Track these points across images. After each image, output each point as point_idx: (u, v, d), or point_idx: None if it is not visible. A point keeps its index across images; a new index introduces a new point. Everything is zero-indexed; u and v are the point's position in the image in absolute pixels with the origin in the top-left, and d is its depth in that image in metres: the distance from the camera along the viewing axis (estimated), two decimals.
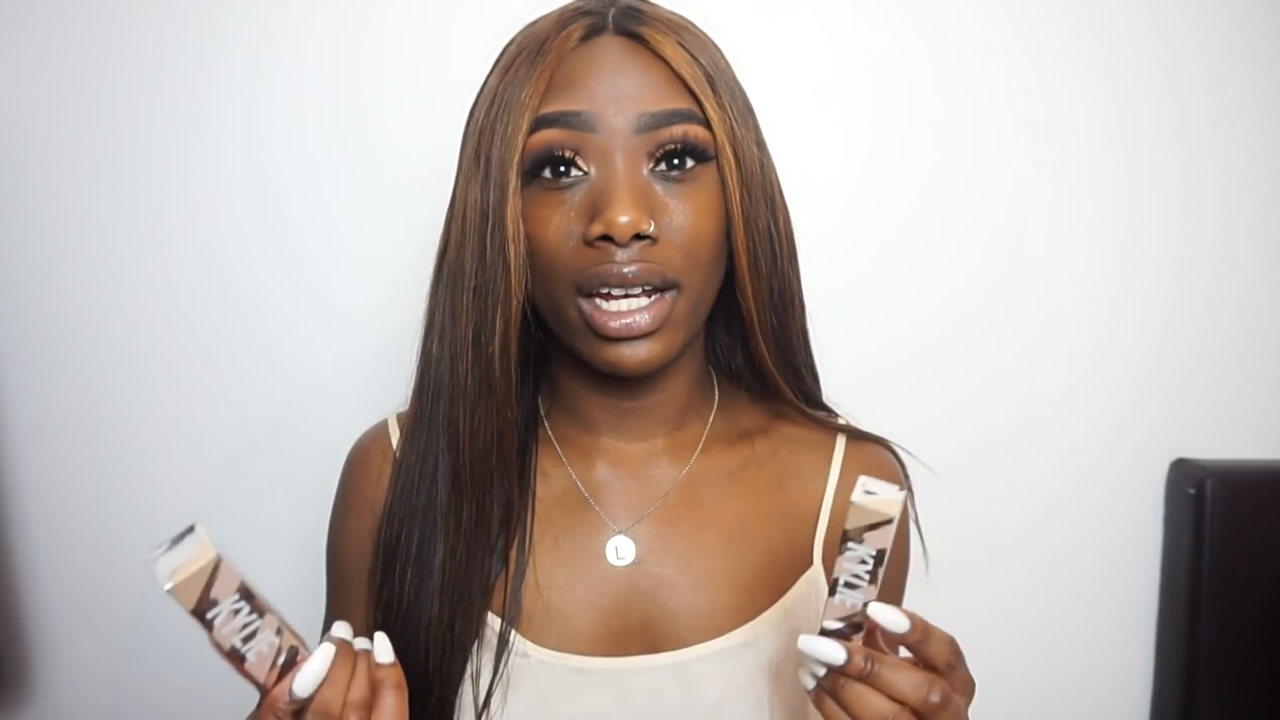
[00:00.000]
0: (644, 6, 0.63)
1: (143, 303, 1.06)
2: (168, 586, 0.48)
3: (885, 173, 1.08)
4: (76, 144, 1.03)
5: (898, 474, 0.73)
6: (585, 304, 0.59)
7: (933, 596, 0.92)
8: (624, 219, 0.56)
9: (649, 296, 0.59)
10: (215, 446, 1.09)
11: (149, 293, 1.06)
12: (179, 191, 1.04)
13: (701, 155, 0.60)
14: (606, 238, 0.57)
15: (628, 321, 0.58)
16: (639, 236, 0.57)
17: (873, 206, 1.09)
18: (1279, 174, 1.11)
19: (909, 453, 0.73)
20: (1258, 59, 1.08)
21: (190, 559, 0.48)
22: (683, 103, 0.59)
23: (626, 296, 0.59)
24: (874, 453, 0.72)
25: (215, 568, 0.49)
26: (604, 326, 0.58)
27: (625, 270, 0.57)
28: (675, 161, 0.59)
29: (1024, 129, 1.08)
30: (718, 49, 0.64)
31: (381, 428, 0.72)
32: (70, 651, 1.13)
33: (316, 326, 1.07)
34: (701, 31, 0.64)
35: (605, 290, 0.58)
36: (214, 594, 0.49)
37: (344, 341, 1.07)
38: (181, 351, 1.07)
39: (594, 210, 0.58)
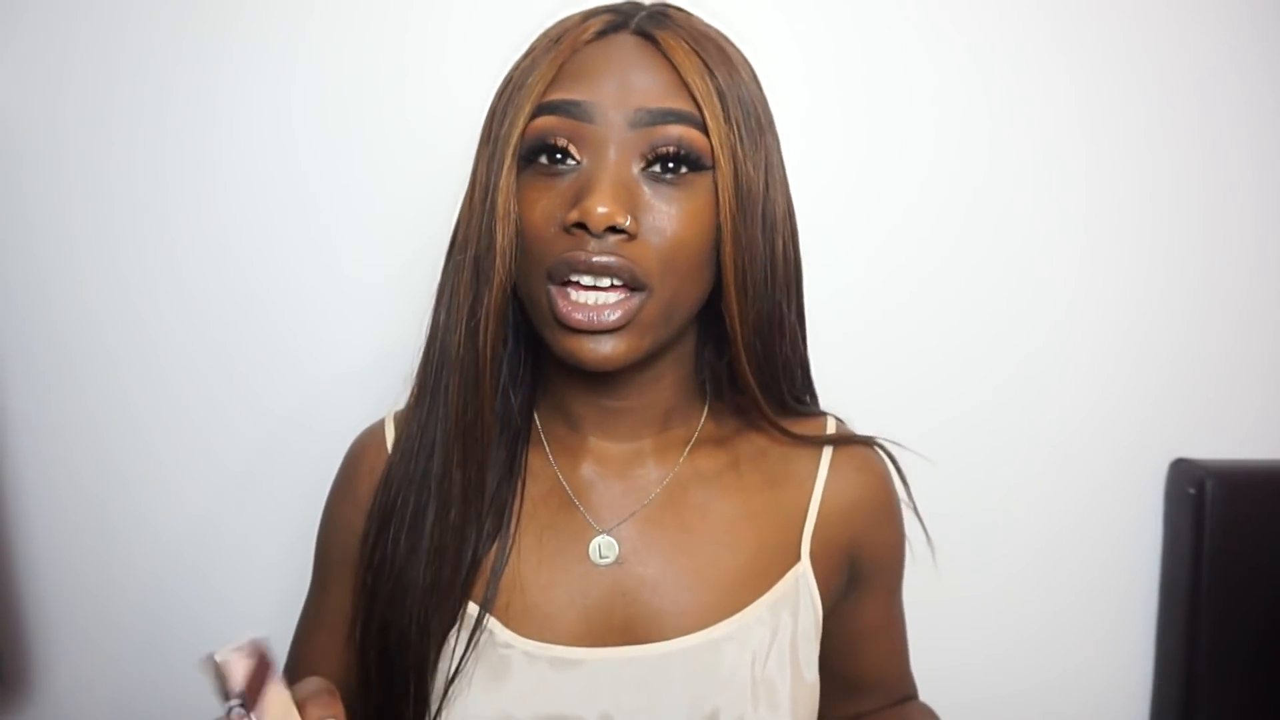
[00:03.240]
0: (673, 13, 0.63)
1: (162, 292, 1.05)
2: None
3: (882, 172, 1.08)
4: (98, 133, 1.02)
5: (887, 471, 0.73)
6: (554, 291, 0.59)
7: (934, 597, 0.92)
8: (601, 209, 0.56)
9: (618, 293, 0.59)
10: (236, 437, 1.08)
11: (168, 282, 1.05)
12: (201, 177, 1.04)
13: (696, 164, 0.60)
14: (582, 226, 0.57)
15: (592, 315, 0.58)
16: (615, 230, 0.57)
17: (871, 208, 1.09)
18: None
19: (900, 445, 0.73)
20: (1238, 40, 1.09)
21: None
22: (683, 105, 0.59)
23: (595, 289, 0.58)
24: (862, 452, 0.72)
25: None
26: (567, 317, 0.58)
27: (595, 259, 0.57)
28: (669, 165, 0.59)
29: (1023, 125, 1.08)
30: (748, 68, 0.64)
31: (378, 427, 0.73)
32: (72, 650, 1.12)
33: (342, 312, 1.07)
34: (734, 49, 0.63)
35: (575, 279, 0.58)
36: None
37: (369, 328, 1.07)
38: (201, 341, 1.06)
39: (576, 198, 0.58)
